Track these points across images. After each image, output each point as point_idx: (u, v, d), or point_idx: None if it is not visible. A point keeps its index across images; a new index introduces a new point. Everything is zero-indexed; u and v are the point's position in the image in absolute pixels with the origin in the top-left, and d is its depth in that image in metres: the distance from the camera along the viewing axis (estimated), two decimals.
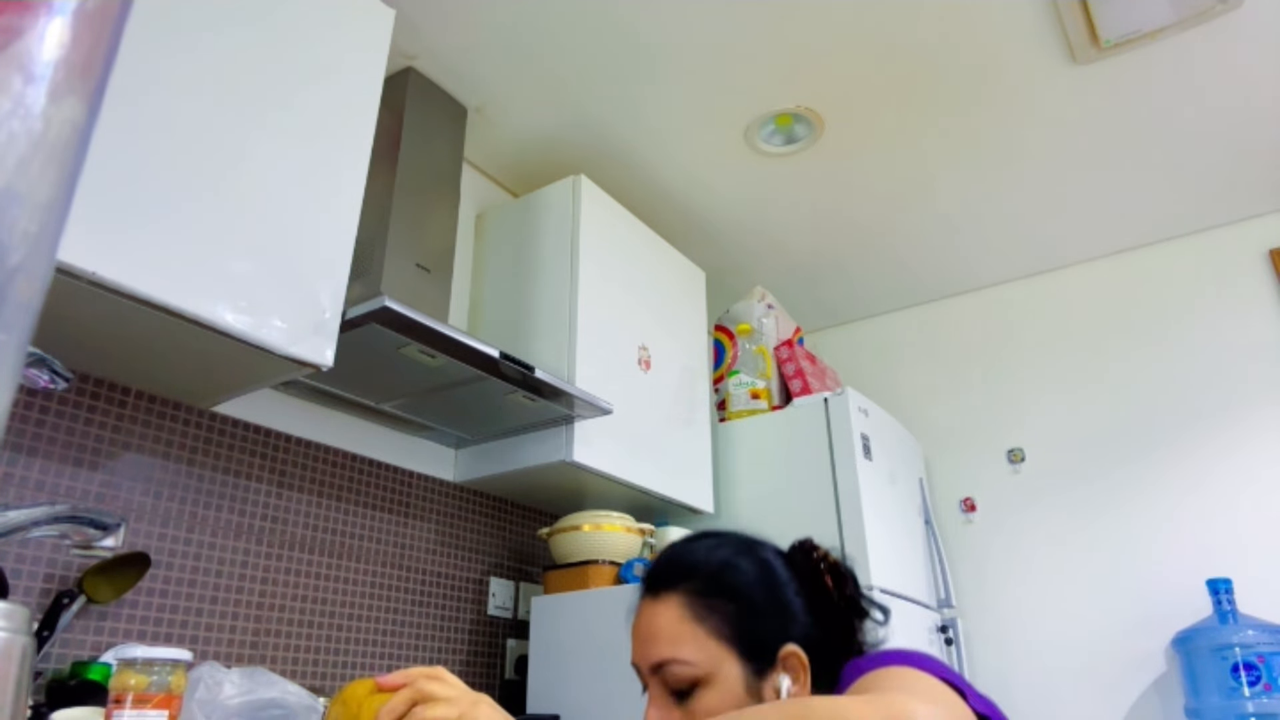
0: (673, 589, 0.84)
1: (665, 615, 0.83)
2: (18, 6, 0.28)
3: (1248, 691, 2.13)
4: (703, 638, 0.81)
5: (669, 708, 0.81)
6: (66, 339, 1.36)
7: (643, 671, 0.84)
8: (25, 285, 0.27)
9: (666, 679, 0.81)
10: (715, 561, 0.85)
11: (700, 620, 0.81)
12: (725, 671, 0.80)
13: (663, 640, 0.81)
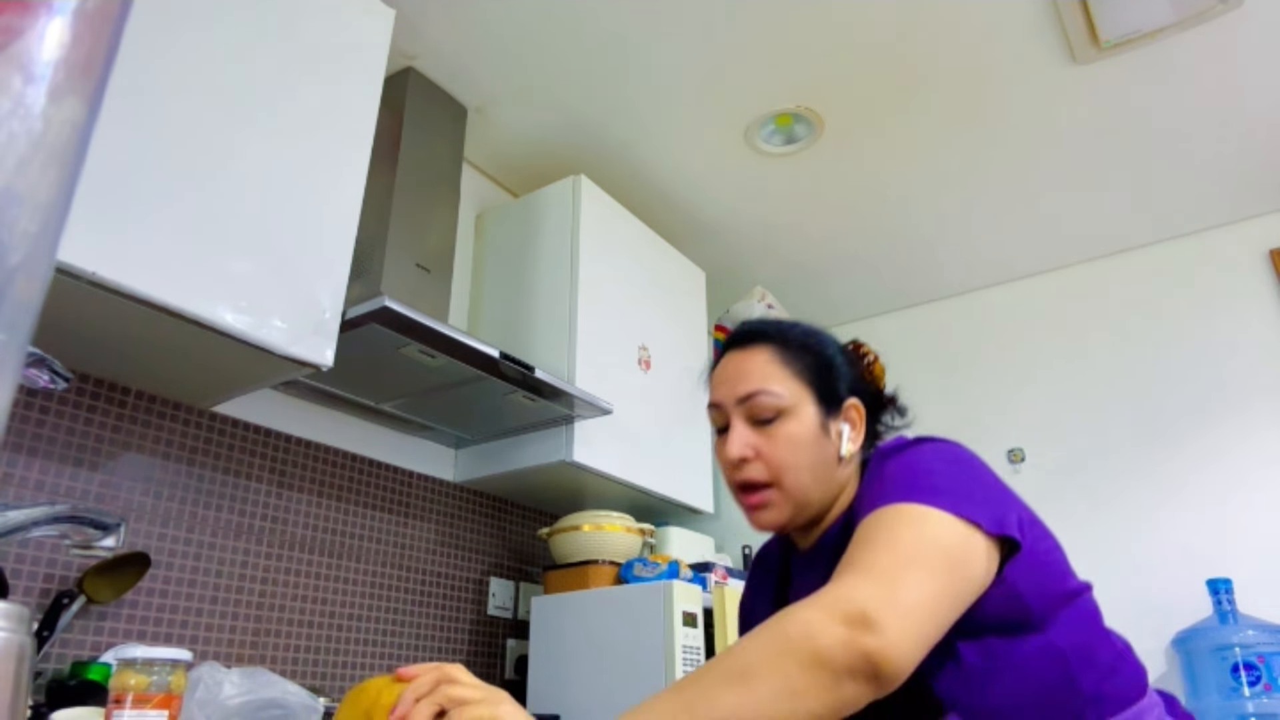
0: (763, 341, 0.99)
1: (757, 358, 0.97)
2: (18, 6, 0.28)
3: (1248, 691, 2.13)
4: (788, 378, 0.96)
5: (751, 433, 0.94)
6: (66, 339, 1.36)
7: (726, 406, 0.97)
8: (25, 285, 0.27)
9: (753, 408, 0.95)
10: (797, 328, 1.02)
11: (787, 364, 0.97)
12: (804, 408, 0.95)
13: (754, 376, 0.96)
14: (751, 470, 0.94)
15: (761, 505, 0.94)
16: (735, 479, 0.95)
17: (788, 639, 0.66)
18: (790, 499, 0.93)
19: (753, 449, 0.94)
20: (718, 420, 0.99)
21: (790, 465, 0.92)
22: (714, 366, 1.05)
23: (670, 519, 2.41)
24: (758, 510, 0.94)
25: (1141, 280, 2.85)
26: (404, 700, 0.63)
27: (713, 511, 2.46)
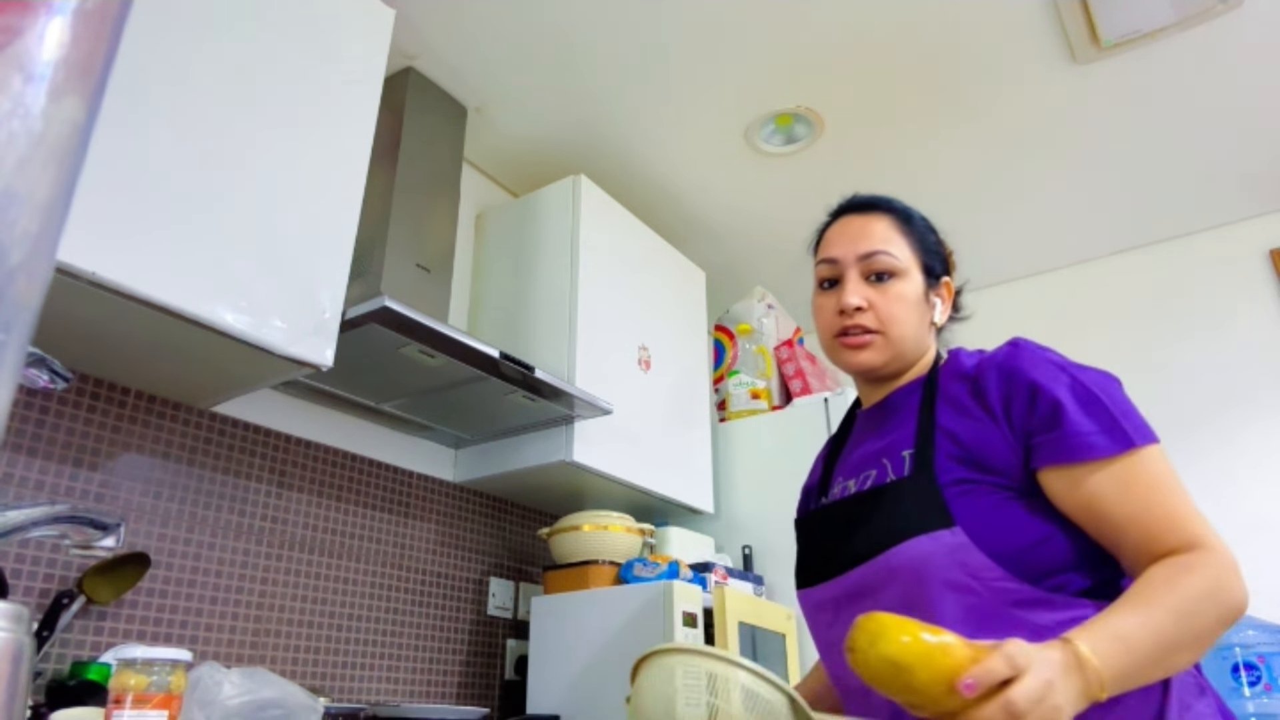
0: (883, 210, 1.10)
1: (878, 223, 1.08)
2: (18, 6, 0.28)
3: (1248, 692, 2.13)
4: (903, 245, 1.06)
5: (866, 287, 1.04)
6: (66, 339, 1.36)
7: (845, 261, 1.05)
8: (25, 285, 0.27)
9: (873, 265, 1.04)
10: (907, 206, 1.12)
11: (903, 234, 1.07)
12: (913, 274, 1.05)
13: (877, 237, 1.06)
14: (863, 318, 1.02)
15: (863, 345, 1.02)
16: (842, 325, 1.03)
17: (1228, 606, 0.82)
18: (891, 347, 1.02)
19: (867, 300, 1.02)
20: (828, 274, 1.07)
21: (898, 319, 1.02)
22: (825, 229, 1.15)
23: (670, 519, 2.41)
24: (858, 350, 1.03)
25: (1141, 280, 2.85)
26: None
27: (713, 511, 2.46)
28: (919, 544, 0.87)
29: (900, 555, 0.88)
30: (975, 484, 0.89)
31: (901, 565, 0.88)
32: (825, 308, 1.07)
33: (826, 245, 1.11)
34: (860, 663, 0.67)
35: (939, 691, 0.65)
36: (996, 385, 0.93)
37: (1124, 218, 2.75)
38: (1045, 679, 0.66)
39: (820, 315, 1.08)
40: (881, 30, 2.01)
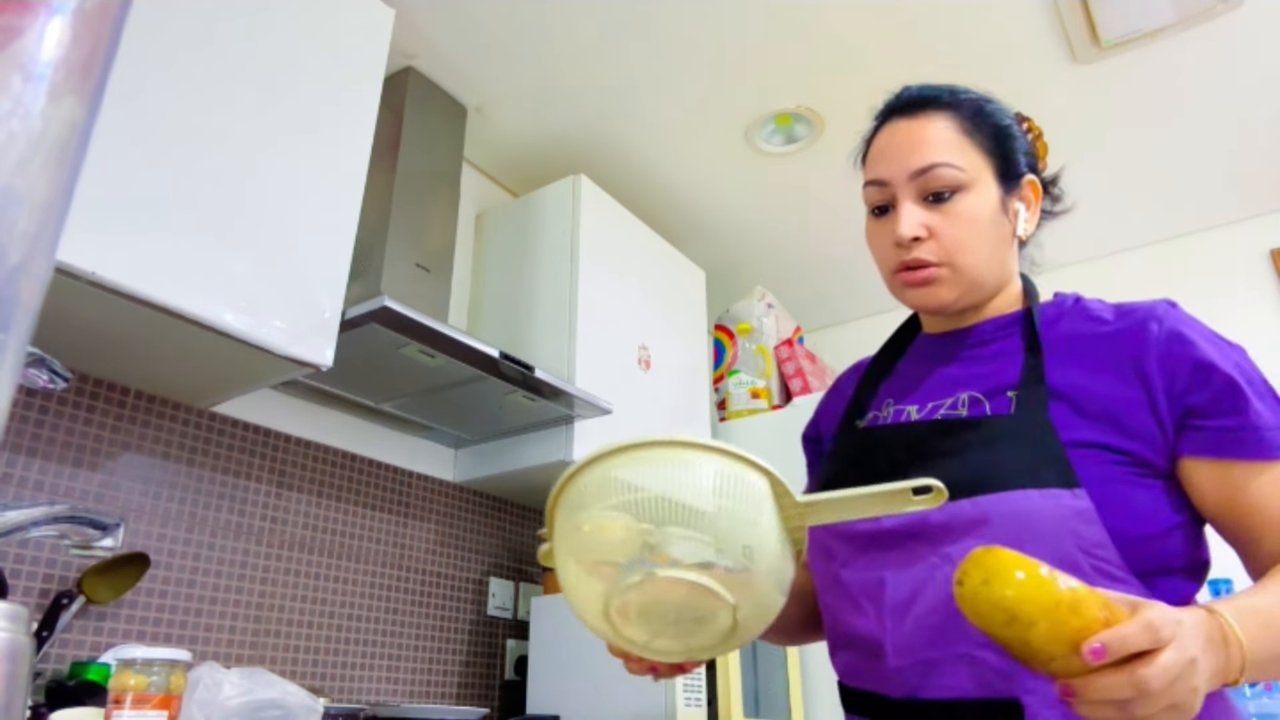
0: (938, 108, 0.91)
1: (934, 127, 0.89)
2: (17, 6, 0.28)
3: (1249, 692, 2.14)
4: (968, 149, 0.87)
5: (926, 209, 0.86)
6: (66, 339, 1.36)
7: (895, 182, 0.88)
8: (25, 285, 0.27)
9: (930, 182, 0.86)
10: (969, 93, 0.94)
11: (968, 135, 0.88)
12: (984, 183, 0.87)
13: (931, 146, 0.87)
14: (923, 250, 0.85)
15: (928, 281, 0.85)
16: (901, 260, 0.87)
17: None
18: (963, 279, 0.86)
19: (926, 228, 0.85)
20: (878, 198, 0.90)
21: (968, 245, 0.85)
22: (870, 139, 0.96)
23: None
24: (923, 286, 0.86)
25: (1142, 280, 2.85)
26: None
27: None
28: (1028, 497, 0.73)
29: (1002, 504, 0.73)
30: (1104, 450, 0.76)
31: (1000, 516, 0.73)
32: (879, 238, 0.90)
33: (873, 162, 0.93)
34: (968, 600, 0.58)
35: (1059, 650, 0.56)
36: (1156, 348, 0.78)
37: (1124, 218, 2.75)
38: (1190, 655, 0.56)
39: (874, 247, 0.91)
40: (882, 30, 2.01)
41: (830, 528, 0.84)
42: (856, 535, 0.83)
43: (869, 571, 0.81)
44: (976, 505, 0.74)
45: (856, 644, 0.83)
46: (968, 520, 0.75)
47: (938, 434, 0.82)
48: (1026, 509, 0.73)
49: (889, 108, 0.97)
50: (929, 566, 0.77)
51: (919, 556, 0.78)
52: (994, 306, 0.90)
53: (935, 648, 0.75)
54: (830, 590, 0.86)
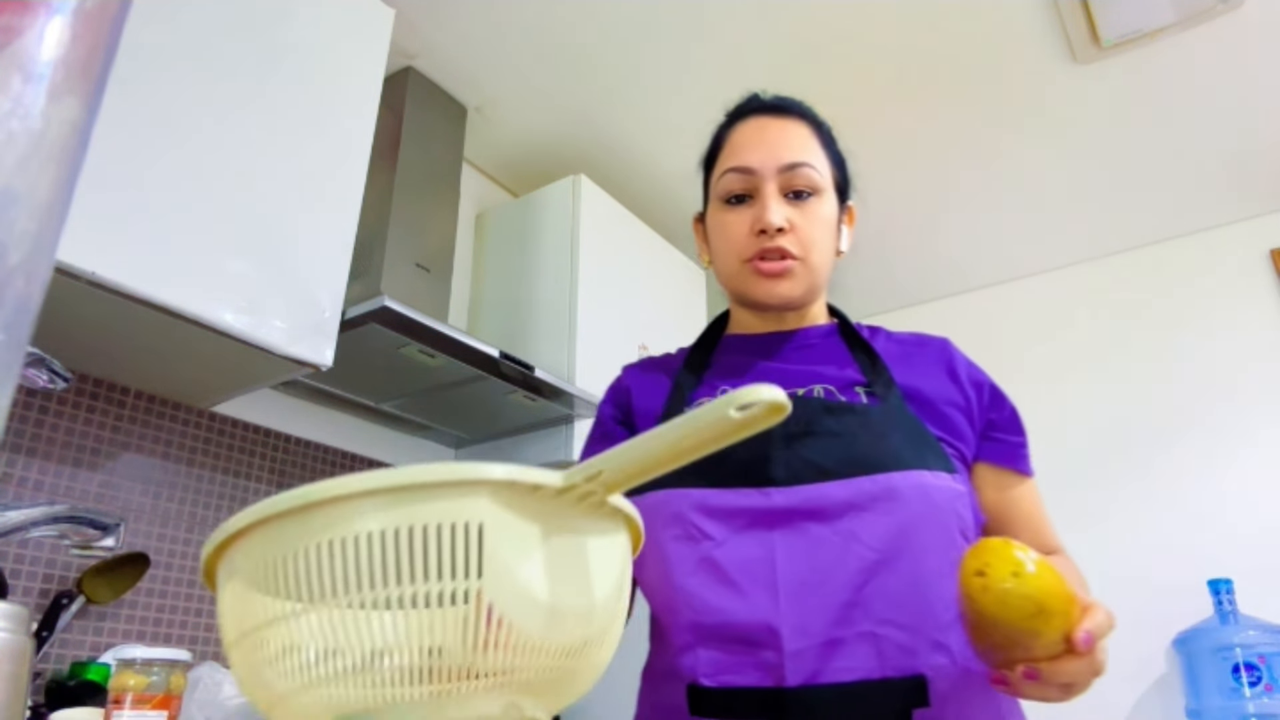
0: (801, 116, 0.94)
1: (799, 131, 0.92)
2: (17, 6, 0.28)
3: (1249, 692, 2.13)
4: (823, 159, 0.92)
5: (787, 204, 0.89)
6: (66, 339, 1.35)
7: (762, 173, 0.89)
8: (25, 285, 0.27)
9: (795, 179, 0.89)
10: (820, 117, 0.98)
11: (824, 147, 0.93)
12: (830, 193, 0.92)
13: (799, 147, 0.91)
14: (785, 241, 0.87)
15: (784, 274, 0.87)
16: (760, 247, 0.87)
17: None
18: (810, 277, 0.89)
19: (789, 221, 0.87)
20: (739, 186, 0.90)
21: (819, 245, 0.89)
22: (728, 126, 0.98)
23: None
24: (778, 278, 0.87)
25: (1141, 280, 2.85)
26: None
27: None
28: (921, 477, 0.76)
29: (906, 482, 0.75)
30: (948, 444, 0.84)
31: (905, 494, 0.75)
32: (734, 226, 0.89)
33: (736, 151, 0.93)
34: (993, 592, 0.59)
35: (1054, 639, 0.59)
36: (965, 367, 0.91)
37: (1124, 217, 2.75)
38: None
39: (725, 234, 0.91)
40: (881, 30, 2.01)
41: (703, 506, 0.79)
42: (736, 513, 0.78)
43: (753, 551, 0.76)
44: (876, 482, 0.75)
45: (729, 633, 0.76)
46: (869, 496, 0.75)
47: (825, 412, 0.81)
48: (924, 488, 0.76)
49: (750, 104, 0.99)
50: (831, 544, 0.75)
51: (815, 534, 0.76)
52: (809, 317, 0.94)
53: (840, 627, 0.73)
54: (696, 574, 0.78)
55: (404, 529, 0.41)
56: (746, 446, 0.77)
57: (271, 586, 0.42)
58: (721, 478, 0.79)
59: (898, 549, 0.75)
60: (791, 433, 0.79)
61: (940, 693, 0.72)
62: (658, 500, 0.82)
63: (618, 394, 1.00)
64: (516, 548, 0.43)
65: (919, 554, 0.74)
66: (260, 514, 0.42)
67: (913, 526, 0.75)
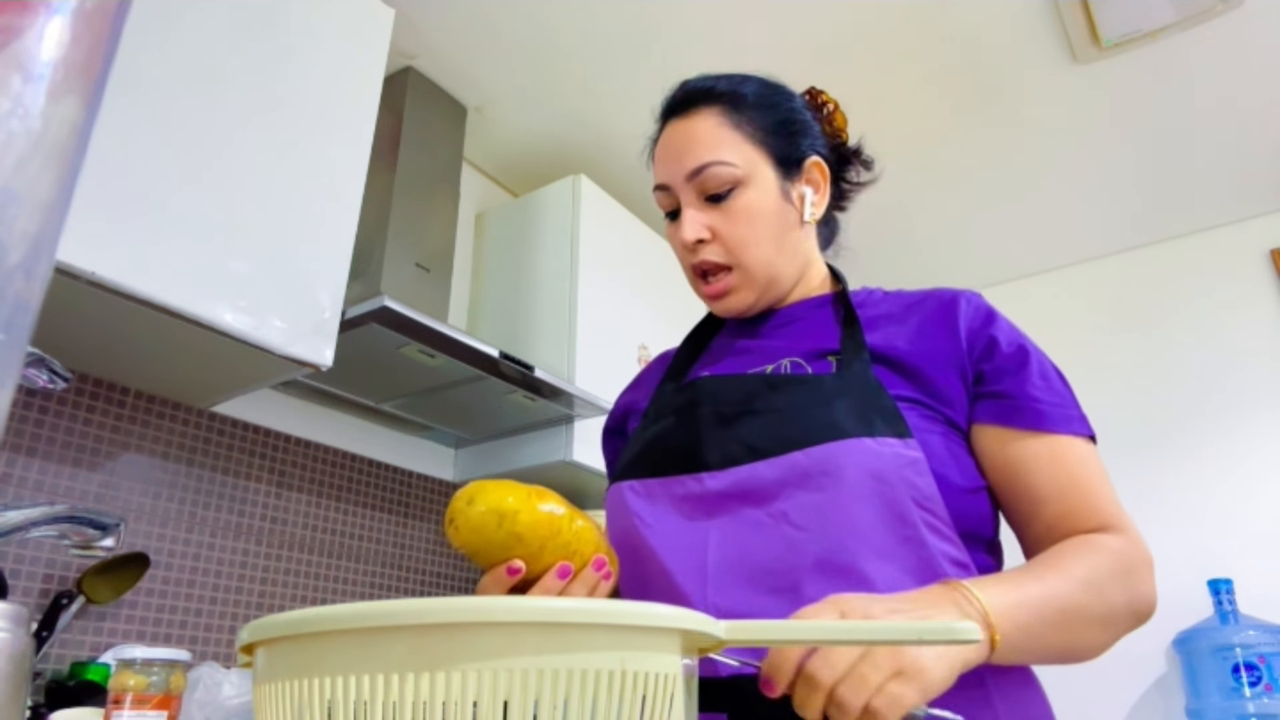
0: (705, 105, 0.88)
1: (702, 125, 0.86)
2: (17, 6, 0.27)
3: (1249, 692, 2.13)
4: (740, 143, 0.85)
5: (706, 210, 0.84)
6: (66, 339, 1.35)
7: (675, 186, 0.86)
8: (25, 285, 0.27)
9: (706, 183, 0.84)
10: (749, 81, 0.90)
11: (737, 127, 0.86)
12: (761, 174, 0.85)
13: (702, 146, 0.85)
14: (708, 252, 0.84)
15: (724, 292, 0.85)
16: (691, 263, 0.86)
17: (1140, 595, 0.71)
18: (754, 279, 0.85)
19: (708, 229, 0.84)
20: (666, 204, 0.88)
21: (750, 241, 0.83)
22: (655, 141, 0.94)
23: None
24: (721, 297, 0.85)
25: (1141, 280, 2.85)
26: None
27: None
28: (863, 445, 0.70)
29: (839, 453, 0.70)
30: (924, 406, 0.76)
31: (836, 466, 0.70)
32: (674, 241, 0.88)
33: (655, 167, 0.92)
34: (466, 525, 0.62)
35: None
36: (970, 319, 0.81)
37: (1124, 217, 2.75)
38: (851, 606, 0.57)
39: (674, 251, 0.89)
40: (881, 30, 2.01)
41: (643, 496, 0.78)
42: (673, 501, 0.77)
43: (686, 539, 0.75)
44: (810, 456, 0.71)
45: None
46: (801, 473, 0.71)
47: (768, 388, 0.78)
48: (863, 457, 0.70)
49: (665, 107, 0.93)
50: (763, 527, 0.72)
51: (747, 518, 0.73)
52: (799, 293, 0.90)
53: (769, 613, 0.69)
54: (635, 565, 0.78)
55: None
56: (682, 433, 0.78)
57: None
58: (660, 466, 0.78)
59: (831, 526, 0.69)
60: (726, 414, 0.77)
61: None
62: (612, 494, 0.82)
63: (618, 409, 1.00)
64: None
65: (855, 530, 0.69)
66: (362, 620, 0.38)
67: (849, 500, 0.69)
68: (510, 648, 0.37)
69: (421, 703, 0.36)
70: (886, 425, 0.72)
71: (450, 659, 0.37)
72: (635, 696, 0.39)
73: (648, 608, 0.41)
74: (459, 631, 0.37)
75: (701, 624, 0.43)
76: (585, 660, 0.38)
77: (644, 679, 0.39)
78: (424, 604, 0.37)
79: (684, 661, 0.43)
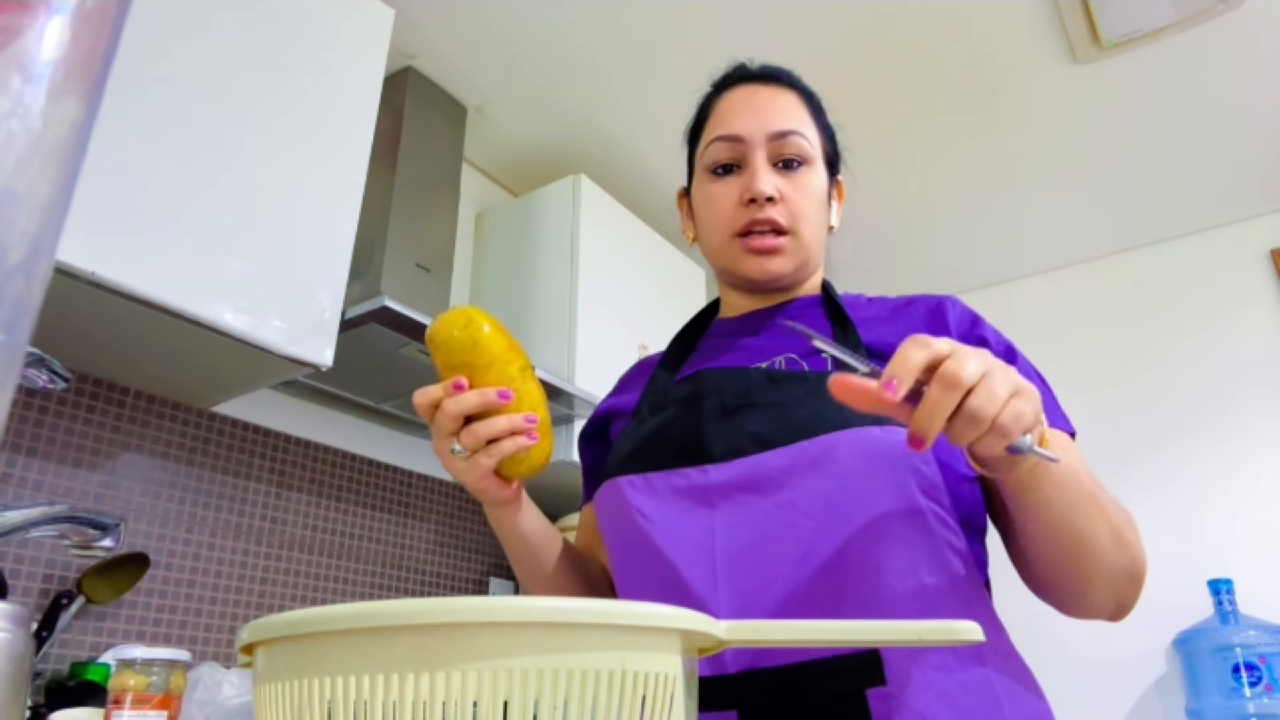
0: (790, 85, 0.91)
1: (788, 99, 0.89)
2: (17, 6, 0.27)
3: (1249, 692, 2.13)
4: (814, 131, 0.89)
5: (775, 175, 0.85)
6: (66, 339, 1.35)
7: (752, 141, 0.85)
8: (25, 285, 0.27)
9: (785, 147, 0.85)
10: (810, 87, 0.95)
11: (814, 117, 0.90)
12: (820, 166, 0.88)
13: (788, 114, 0.87)
14: (774, 211, 0.83)
15: (775, 250, 0.83)
16: (749, 219, 0.83)
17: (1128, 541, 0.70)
18: (801, 252, 0.85)
19: (779, 191, 0.83)
20: (726, 155, 0.86)
21: (810, 218, 0.85)
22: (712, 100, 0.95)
23: None
24: (769, 255, 0.84)
25: (1142, 280, 2.85)
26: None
27: None
28: (870, 434, 0.70)
29: (847, 439, 0.70)
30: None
31: (845, 452, 0.69)
32: (722, 197, 0.85)
33: (723, 119, 0.89)
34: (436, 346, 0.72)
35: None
36: (959, 321, 0.83)
37: (1124, 217, 2.75)
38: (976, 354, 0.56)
39: (712, 206, 0.87)
40: (882, 30, 2.01)
41: (645, 491, 0.77)
42: (676, 494, 0.75)
43: (692, 532, 0.73)
44: (817, 444, 0.70)
45: None
46: (810, 461, 0.70)
47: (769, 383, 0.77)
48: (872, 444, 0.69)
49: (738, 73, 0.94)
50: (771, 518, 0.71)
51: (755, 508, 0.72)
52: (800, 291, 0.91)
53: (780, 605, 0.68)
54: (636, 560, 0.77)
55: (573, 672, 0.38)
56: (684, 425, 0.78)
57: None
58: (661, 459, 0.77)
59: (839, 513, 0.68)
60: (729, 406, 0.77)
61: (899, 669, 0.65)
62: (607, 489, 0.81)
63: (600, 413, 1.00)
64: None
65: (865, 517, 0.68)
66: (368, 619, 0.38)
67: (857, 487, 0.69)
68: (510, 648, 0.37)
69: (421, 703, 0.36)
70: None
71: (450, 659, 0.37)
72: (635, 696, 0.39)
73: (647, 608, 0.41)
74: (459, 631, 0.37)
75: (701, 624, 0.43)
76: (585, 660, 0.38)
77: (644, 679, 0.39)
78: (424, 604, 0.37)
79: (684, 660, 0.43)
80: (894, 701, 0.64)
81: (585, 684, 0.38)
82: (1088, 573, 0.69)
